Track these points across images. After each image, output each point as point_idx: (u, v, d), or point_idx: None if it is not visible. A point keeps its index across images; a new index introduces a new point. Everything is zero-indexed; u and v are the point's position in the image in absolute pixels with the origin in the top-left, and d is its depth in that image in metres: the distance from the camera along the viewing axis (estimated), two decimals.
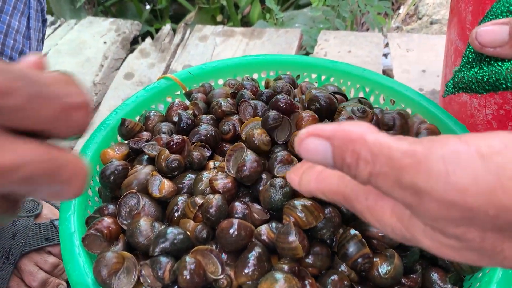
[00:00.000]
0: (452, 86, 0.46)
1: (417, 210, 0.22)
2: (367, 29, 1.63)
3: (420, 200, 0.21)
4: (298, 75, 0.70)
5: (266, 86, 0.64)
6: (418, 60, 1.07)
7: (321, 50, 1.12)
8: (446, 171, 0.20)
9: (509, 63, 0.42)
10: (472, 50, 0.43)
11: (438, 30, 1.47)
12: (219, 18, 1.85)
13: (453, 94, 0.46)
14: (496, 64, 0.42)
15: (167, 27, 1.19)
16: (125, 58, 1.13)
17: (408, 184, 0.21)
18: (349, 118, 0.51)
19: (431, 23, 1.54)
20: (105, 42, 1.16)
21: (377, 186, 0.23)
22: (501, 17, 0.42)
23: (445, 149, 0.21)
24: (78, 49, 1.13)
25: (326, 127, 0.24)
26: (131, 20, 1.25)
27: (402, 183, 0.21)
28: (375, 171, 0.22)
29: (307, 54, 1.22)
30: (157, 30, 1.84)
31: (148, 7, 2.09)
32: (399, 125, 0.54)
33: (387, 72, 1.11)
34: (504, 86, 0.42)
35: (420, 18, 1.61)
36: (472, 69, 0.44)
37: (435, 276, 0.44)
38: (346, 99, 0.62)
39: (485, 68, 0.43)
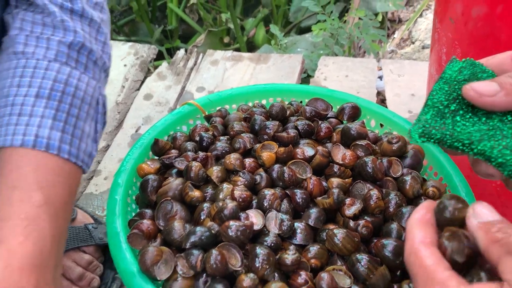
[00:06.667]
0: (418, 136, 0.42)
1: None
2: (364, 52, 1.75)
3: None
4: (301, 101, 0.81)
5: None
6: (408, 85, 1.19)
7: (321, 74, 1.24)
8: None
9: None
10: (438, 100, 0.43)
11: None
12: (226, 39, 1.98)
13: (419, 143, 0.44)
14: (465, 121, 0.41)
15: (181, 52, 1.31)
16: (144, 80, 1.25)
17: None
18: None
19: (423, 47, 1.67)
20: (125, 65, 1.28)
21: None
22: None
23: None
24: None
25: None
26: (145, 42, 1.37)
27: None
28: None
29: (308, 77, 1.34)
30: (168, 50, 1.97)
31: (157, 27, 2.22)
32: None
33: (381, 93, 1.22)
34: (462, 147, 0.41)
35: (413, 43, 1.73)
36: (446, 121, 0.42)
37: None
38: (341, 122, 0.73)
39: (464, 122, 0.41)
